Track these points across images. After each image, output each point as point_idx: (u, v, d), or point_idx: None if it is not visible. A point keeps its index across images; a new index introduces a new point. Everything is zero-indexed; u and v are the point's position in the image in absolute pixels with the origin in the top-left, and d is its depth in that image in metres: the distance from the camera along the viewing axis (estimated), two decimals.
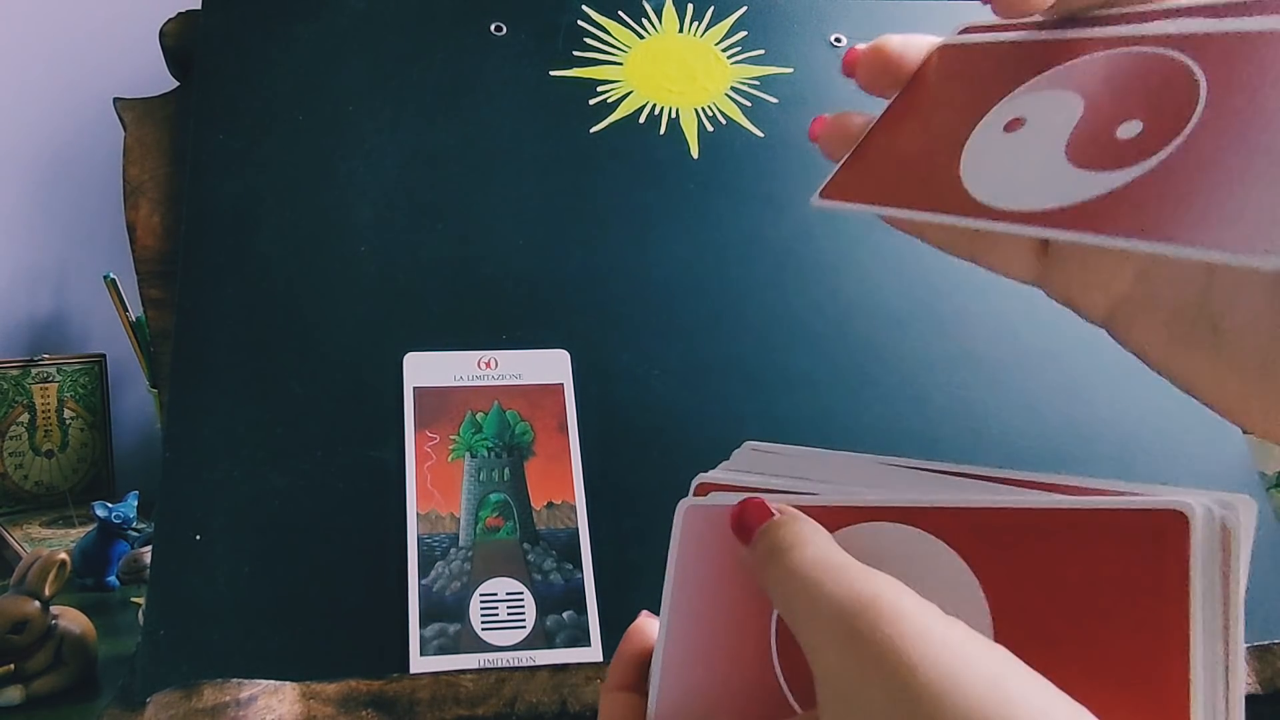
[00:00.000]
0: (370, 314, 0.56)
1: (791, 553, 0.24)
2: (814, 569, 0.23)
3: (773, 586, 0.24)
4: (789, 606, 0.23)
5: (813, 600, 0.22)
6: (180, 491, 0.49)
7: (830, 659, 0.21)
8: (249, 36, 0.63)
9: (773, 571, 0.24)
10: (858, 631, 0.20)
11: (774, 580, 0.24)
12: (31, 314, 1.02)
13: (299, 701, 0.43)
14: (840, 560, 0.23)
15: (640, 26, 0.68)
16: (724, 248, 0.61)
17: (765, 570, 0.24)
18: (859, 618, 0.20)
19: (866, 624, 0.20)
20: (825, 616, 0.21)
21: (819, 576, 0.22)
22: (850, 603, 0.21)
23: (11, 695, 0.58)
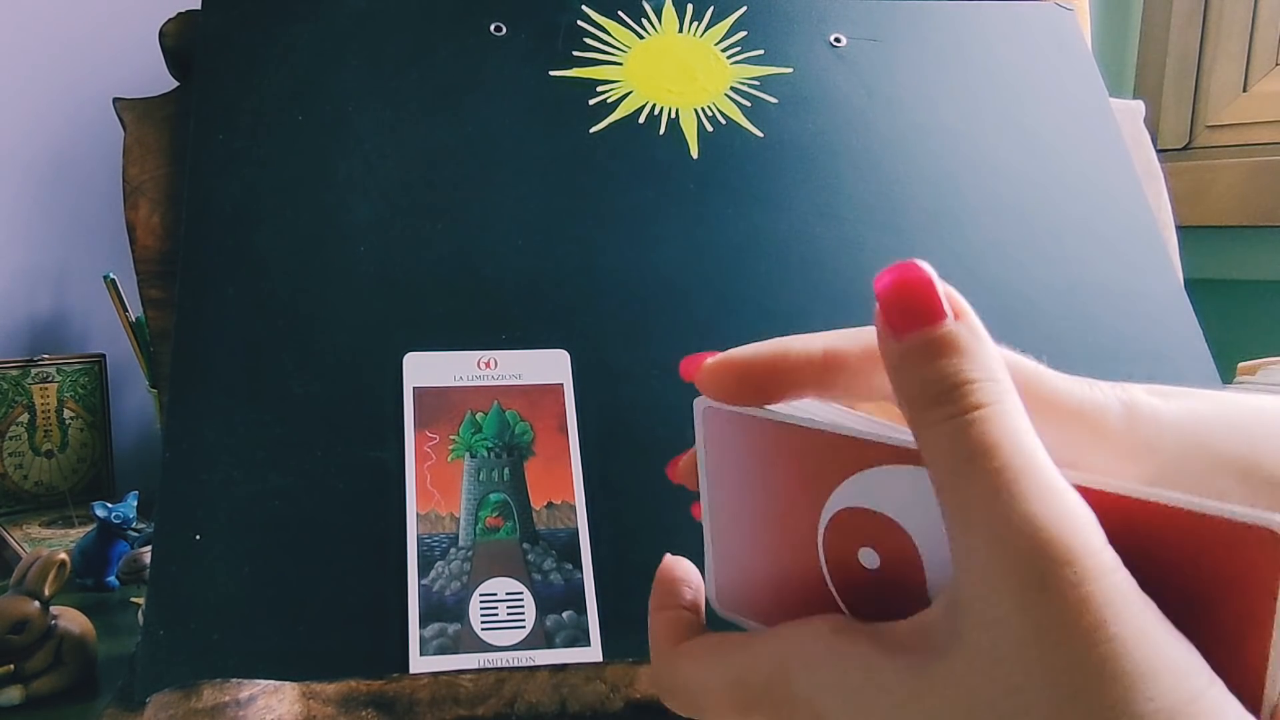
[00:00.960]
0: (370, 314, 0.56)
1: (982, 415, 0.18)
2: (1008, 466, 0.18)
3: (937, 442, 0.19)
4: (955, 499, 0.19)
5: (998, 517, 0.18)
6: (180, 491, 0.49)
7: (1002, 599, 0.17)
8: (249, 36, 0.63)
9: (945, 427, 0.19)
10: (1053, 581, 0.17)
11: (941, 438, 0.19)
12: (31, 314, 1.02)
13: (299, 701, 0.43)
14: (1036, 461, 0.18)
15: (640, 26, 0.68)
16: (724, 248, 0.61)
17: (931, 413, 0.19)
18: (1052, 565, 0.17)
19: (1068, 578, 0.17)
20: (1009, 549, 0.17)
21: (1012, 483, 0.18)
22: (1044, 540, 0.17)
23: (11, 695, 0.58)
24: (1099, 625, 0.17)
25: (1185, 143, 1.07)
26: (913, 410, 0.20)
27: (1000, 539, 0.18)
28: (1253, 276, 1.00)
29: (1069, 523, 0.18)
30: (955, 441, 0.19)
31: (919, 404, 0.20)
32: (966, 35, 0.71)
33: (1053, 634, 0.17)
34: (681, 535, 0.51)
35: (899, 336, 0.20)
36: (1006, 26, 0.72)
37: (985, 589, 0.18)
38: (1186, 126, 1.07)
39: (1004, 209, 0.65)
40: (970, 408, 0.19)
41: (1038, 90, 0.70)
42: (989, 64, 0.70)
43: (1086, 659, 0.17)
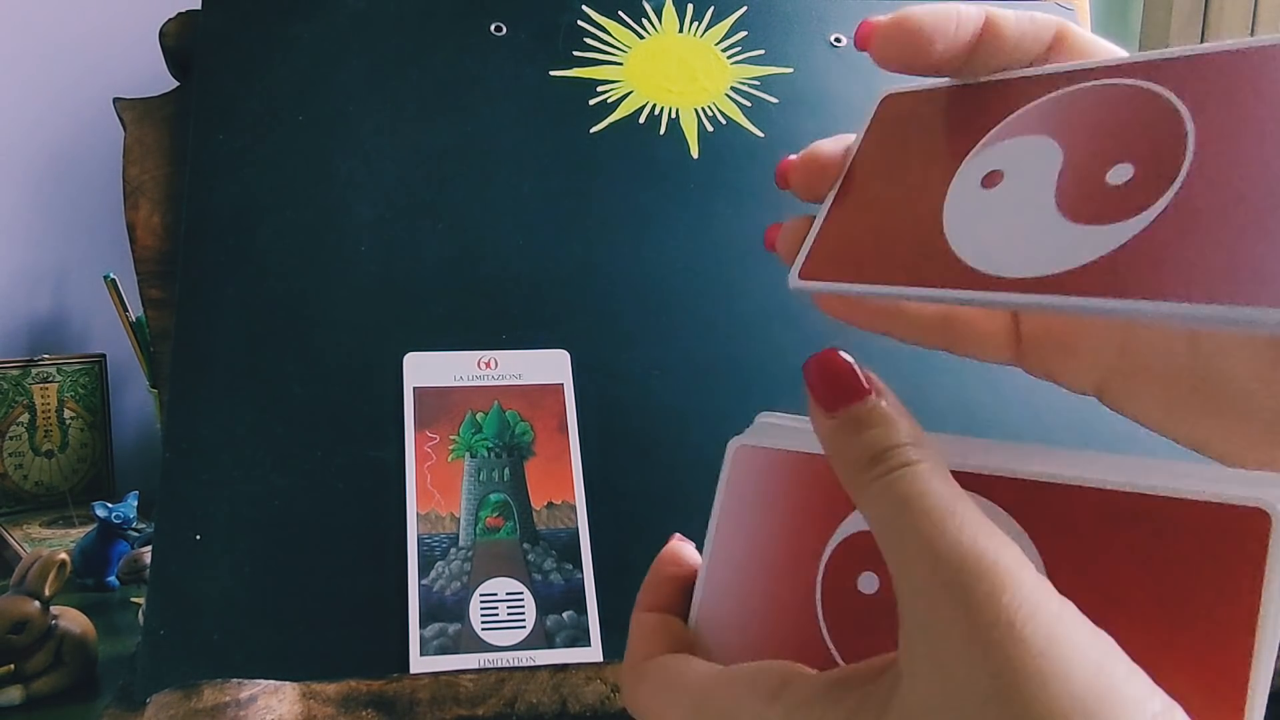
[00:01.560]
0: (370, 314, 0.56)
1: (903, 475, 0.21)
2: (927, 504, 0.20)
3: (869, 503, 0.21)
4: (888, 540, 0.21)
5: (920, 544, 0.20)
6: (180, 491, 0.49)
7: (932, 615, 0.19)
8: (249, 36, 0.63)
9: (874, 488, 0.21)
10: (973, 596, 0.19)
11: (873, 498, 0.21)
12: (31, 314, 1.02)
13: (299, 701, 0.43)
14: (956, 501, 0.20)
15: (640, 26, 0.68)
16: (724, 248, 0.61)
17: (861, 478, 0.22)
18: (978, 581, 0.19)
19: (985, 591, 0.19)
20: (941, 571, 0.19)
21: (941, 520, 0.20)
22: (972, 562, 0.19)
23: (11, 695, 0.58)
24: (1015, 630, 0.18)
25: None
26: (848, 475, 0.22)
27: (937, 570, 0.19)
28: None
29: (998, 551, 0.19)
30: (888, 495, 0.21)
31: (853, 469, 0.22)
32: None
33: (976, 642, 0.19)
34: (682, 535, 0.51)
35: (831, 413, 0.23)
36: None
37: (929, 621, 0.19)
38: None
39: None
40: (898, 466, 0.21)
41: None
42: None
43: (1004, 663, 0.18)
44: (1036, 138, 0.23)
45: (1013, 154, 0.24)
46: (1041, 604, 0.19)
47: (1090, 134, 0.23)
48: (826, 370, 0.23)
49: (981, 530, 0.20)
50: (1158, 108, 0.22)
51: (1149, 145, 0.21)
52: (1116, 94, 0.23)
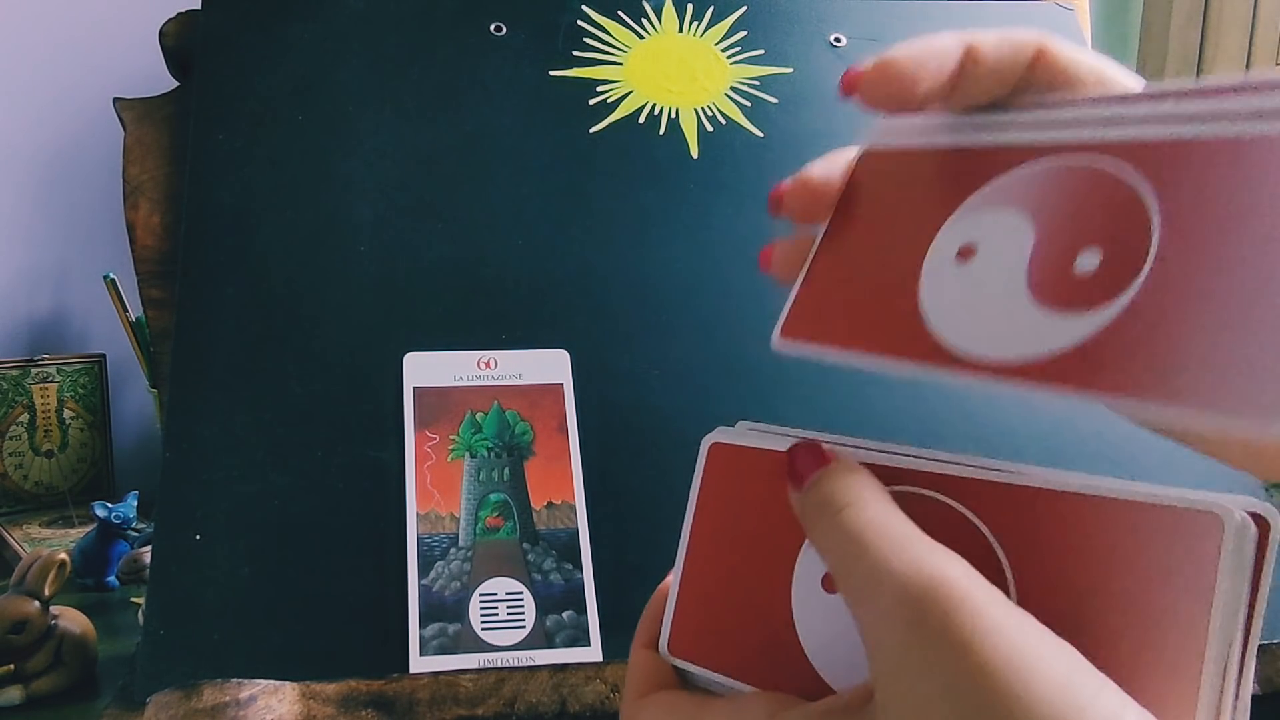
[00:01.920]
0: (370, 314, 0.56)
1: (848, 512, 0.22)
2: (875, 536, 0.21)
3: (825, 546, 0.22)
4: (844, 573, 0.21)
5: (873, 574, 0.20)
6: (180, 491, 0.49)
7: (890, 642, 0.20)
8: (249, 36, 0.63)
9: (826, 530, 0.22)
10: (924, 618, 0.19)
11: (827, 540, 0.22)
12: (31, 314, 1.02)
13: (299, 701, 0.43)
14: (903, 529, 0.21)
15: (640, 26, 0.68)
16: (724, 248, 0.61)
17: (817, 526, 0.23)
18: (926, 602, 0.19)
19: (935, 612, 0.19)
20: (888, 596, 0.20)
21: (881, 546, 0.21)
22: (916, 584, 0.19)
23: (11, 695, 0.58)
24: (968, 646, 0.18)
25: None
26: (807, 529, 0.24)
27: (882, 595, 0.20)
28: None
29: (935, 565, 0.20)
30: (835, 532, 0.22)
31: (808, 521, 0.23)
32: None
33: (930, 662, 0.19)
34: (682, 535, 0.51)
35: (799, 488, 0.24)
36: (1006, 26, 0.72)
37: (887, 638, 0.20)
38: None
39: None
40: (844, 505, 0.22)
41: None
42: None
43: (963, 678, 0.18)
44: (1010, 212, 0.24)
45: (986, 227, 0.24)
46: (1000, 619, 0.19)
47: (1061, 215, 0.23)
48: (795, 454, 0.24)
49: (921, 548, 0.20)
50: (1126, 194, 0.22)
51: (1116, 233, 0.22)
52: (1088, 175, 0.23)
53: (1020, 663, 0.18)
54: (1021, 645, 0.18)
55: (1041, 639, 0.19)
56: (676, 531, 0.30)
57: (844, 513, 0.22)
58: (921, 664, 0.19)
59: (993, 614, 0.19)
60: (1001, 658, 0.18)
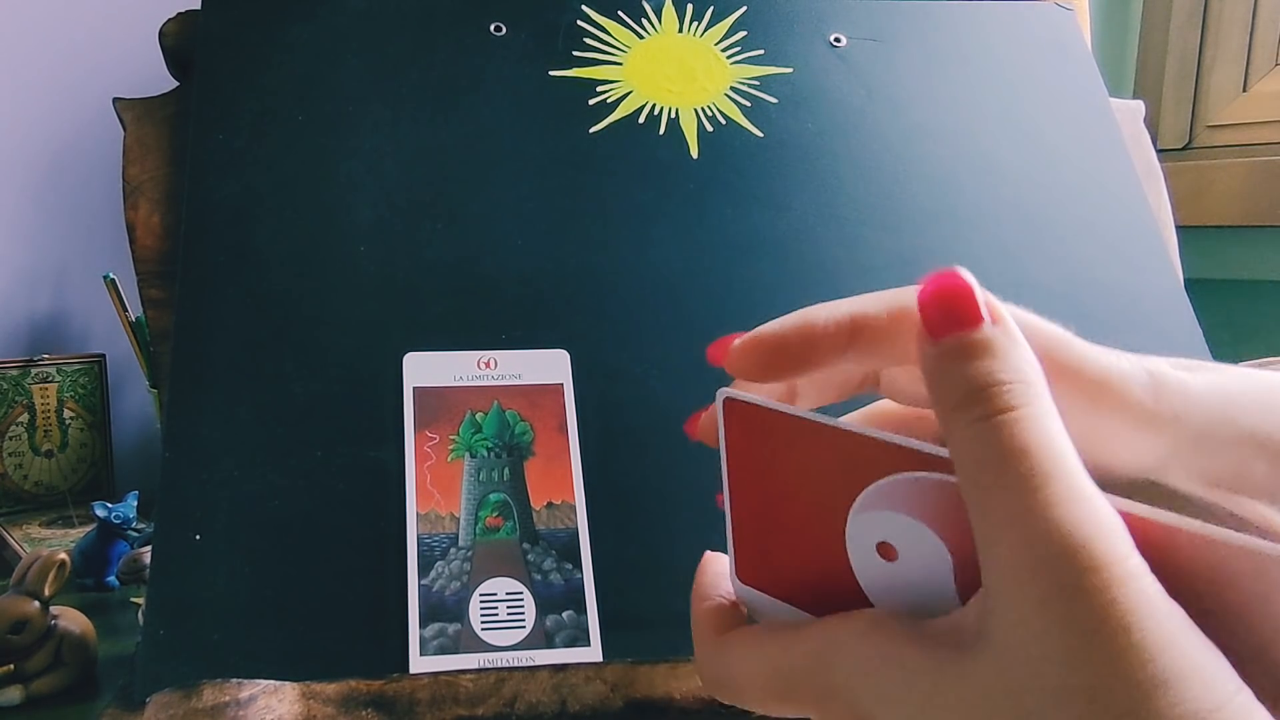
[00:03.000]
0: (370, 314, 0.56)
1: (1012, 418, 0.19)
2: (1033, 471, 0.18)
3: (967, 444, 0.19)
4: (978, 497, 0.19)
5: (1020, 511, 0.18)
6: (180, 491, 0.49)
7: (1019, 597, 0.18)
8: (249, 36, 0.63)
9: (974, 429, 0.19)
10: (1079, 588, 0.17)
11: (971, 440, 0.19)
12: (31, 314, 1.02)
13: (299, 701, 0.43)
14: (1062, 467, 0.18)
15: (640, 26, 0.68)
16: (724, 248, 0.61)
17: (961, 416, 0.19)
18: (1086, 573, 0.17)
19: (1094, 584, 0.17)
20: (1030, 551, 0.18)
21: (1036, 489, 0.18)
22: (1063, 545, 0.17)
23: (11, 695, 0.58)
24: (1123, 631, 0.17)
25: (1185, 143, 1.07)
26: (943, 411, 0.20)
27: (1028, 544, 0.18)
28: (1253, 276, 1.00)
29: (1096, 528, 0.18)
30: (985, 444, 0.19)
31: (949, 405, 0.20)
32: (966, 35, 0.71)
33: (1078, 640, 0.17)
34: (682, 535, 0.51)
35: (935, 339, 0.21)
36: (1006, 26, 0.72)
37: (1013, 593, 0.18)
38: (1186, 126, 1.07)
39: (1004, 209, 0.65)
40: (1001, 409, 0.19)
41: (1038, 90, 0.70)
42: (989, 64, 0.70)
43: (1111, 665, 0.17)
44: (917, 523, 0.22)
45: (900, 532, 0.23)
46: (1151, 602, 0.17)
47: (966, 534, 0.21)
48: (941, 291, 0.21)
49: (1086, 505, 0.18)
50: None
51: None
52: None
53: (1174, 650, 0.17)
54: (1177, 633, 0.17)
55: (1194, 630, 0.18)
56: (677, 531, 0.30)
57: (1005, 419, 0.19)
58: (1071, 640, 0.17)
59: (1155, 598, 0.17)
60: (1157, 639, 0.17)
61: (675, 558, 0.50)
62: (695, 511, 0.52)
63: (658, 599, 0.49)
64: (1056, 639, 0.17)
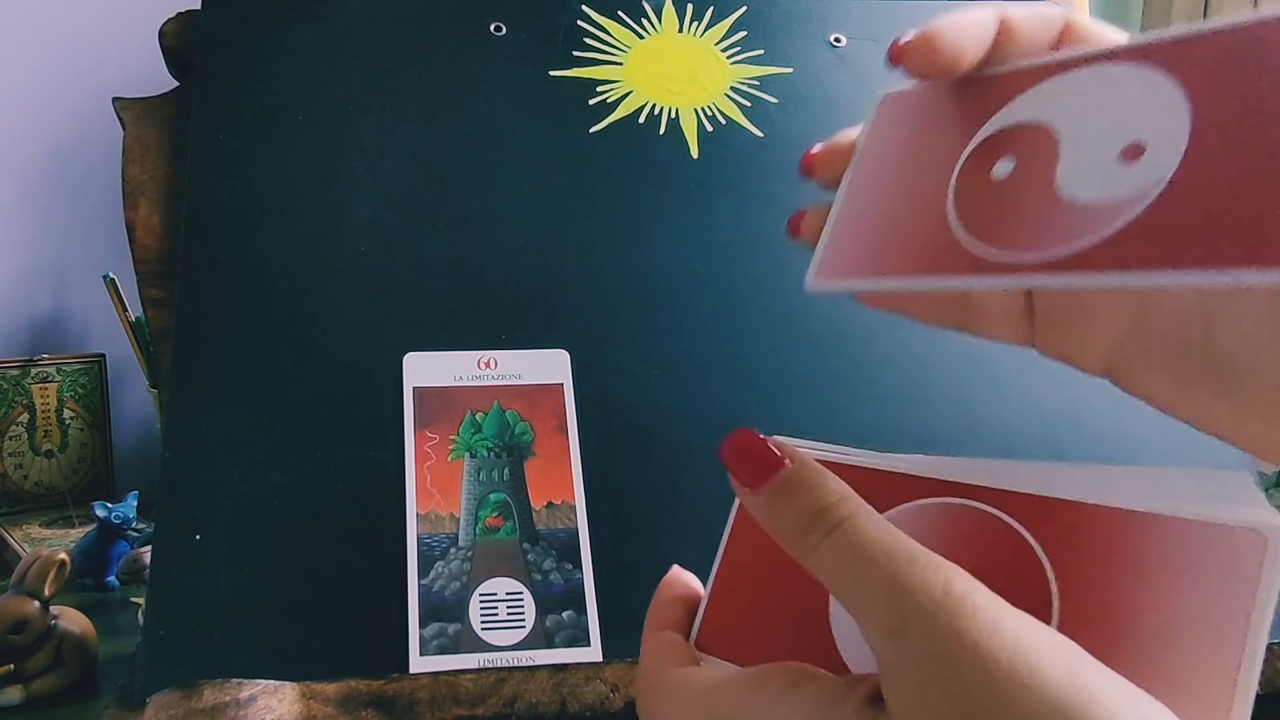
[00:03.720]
0: (370, 314, 0.56)
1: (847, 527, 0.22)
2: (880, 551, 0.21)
3: (821, 563, 0.22)
4: (849, 591, 0.22)
5: (883, 590, 0.21)
6: (180, 491, 0.49)
7: (898, 654, 0.20)
8: (249, 36, 0.63)
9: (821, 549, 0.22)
10: (930, 629, 0.20)
11: (823, 558, 0.22)
12: (31, 314, 1.02)
13: (299, 701, 0.43)
14: (905, 543, 0.21)
15: (640, 26, 0.68)
16: (724, 248, 0.61)
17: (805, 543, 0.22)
18: (937, 613, 0.20)
19: (944, 620, 0.19)
20: (899, 610, 0.20)
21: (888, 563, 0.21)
22: (926, 596, 0.20)
23: (11, 695, 0.58)
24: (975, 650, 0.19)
25: None
26: (790, 544, 0.23)
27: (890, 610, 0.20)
28: None
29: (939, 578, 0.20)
30: (835, 554, 0.22)
31: (794, 538, 0.23)
32: None
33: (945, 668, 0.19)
34: (682, 535, 0.51)
35: (756, 491, 0.24)
36: None
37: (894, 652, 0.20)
38: None
39: None
40: (836, 524, 0.22)
41: None
42: None
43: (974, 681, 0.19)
44: (1034, 123, 0.24)
45: (1012, 140, 0.24)
46: (1000, 622, 0.19)
47: (1088, 117, 0.23)
48: (739, 451, 0.24)
49: (930, 565, 0.21)
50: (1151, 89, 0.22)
51: (1146, 126, 0.22)
52: (1110, 76, 0.23)
53: (1024, 658, 0.19)
54: (1022, 641, 0.19)
55: (1042, 633, 0.19)
56: (676, 531, 0.30)
57: (845, 528, 0.22)
58: (930, 669, 0.19)
59: (994, 616, 0.19)
60: (1007, 652, 0.19)
61: (675, 558, 0.50)
62: (695, 511, 0.52)
63: None
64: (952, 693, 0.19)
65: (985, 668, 0.19)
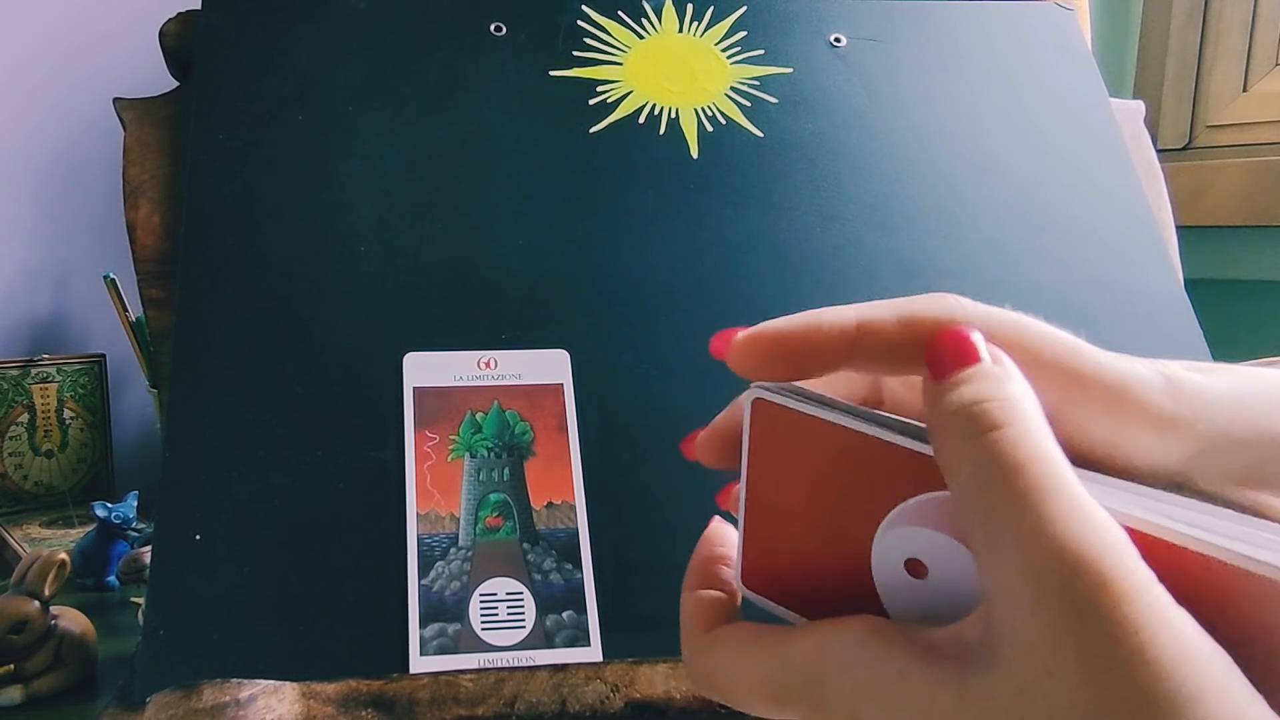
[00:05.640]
0: (370, 314, 0.56)
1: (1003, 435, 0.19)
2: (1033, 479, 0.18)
3: (962, 470, 0.19)
4: (982, 510, 0.19)
5: (1024, 537, 0.18)
6: (180, 491, 0.49)
7: (1031, 617, 0.18)
8: (249, 36, 0.63)
9: (969, 451, 0.19)
10: (1089, 606, 0.17)
11: (968, 464, 0.19)
12: (31, 314, 1.02)
13: (299, 701, 0.43)
14: (1064, 478, 0.18)
15: (640, 26, 0.68)
16: (724, 248, 0.61)
17: (955, 440, 0.20)
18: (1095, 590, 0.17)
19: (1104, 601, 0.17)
20: (1049, 572, 0.17)
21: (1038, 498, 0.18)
22: (1079, 559, 0.17)
23: (11, 695, 0.58)
24: (1138, 650, 0.17)
25: (1185, 143, 1.07)
26: (938, 433, 0.20)
27: (1033, 563, 0.18)
28: (1253, 276, 1.00)
29: (1100, 543, 0.18)
30: (977, 461, 0.19)
31: (945, 426, 0.20)
32: (966, 35, 0.71)
33: (1091, 660, 0.17)
34: (682, 535, 0.51)
35: (939, 379, 0.21)
36: (1006, 26, 0.72)
37: (1021, 612, 0.18)
38: (1186, 126, 1.07)
39: (1004, 209, 0.65)
40: (990, 426, 0.19)
41: (1038, 90, 0.70)
42: (989, 64, 0.70)
43: (1126, 685, 0.17)
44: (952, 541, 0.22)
45: (930, 548, 0.22)
46: (1163, 617, 0.17)
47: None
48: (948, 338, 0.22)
49: (1088, 519, 0.18)
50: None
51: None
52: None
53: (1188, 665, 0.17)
54: (1191, 646, 0.17)
55: (1205, 639, 0.17)
56: (676, 531, 0.30)
57: (997, 435, 0.19)
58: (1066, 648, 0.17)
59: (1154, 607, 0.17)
60: (1172, 655, 0.17)
61: (675, 558, 0.50)
62: (695, 511, 0.51)
63: (658, 599, 0.49)
64: (1070, 661, 0.17)
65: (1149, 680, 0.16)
